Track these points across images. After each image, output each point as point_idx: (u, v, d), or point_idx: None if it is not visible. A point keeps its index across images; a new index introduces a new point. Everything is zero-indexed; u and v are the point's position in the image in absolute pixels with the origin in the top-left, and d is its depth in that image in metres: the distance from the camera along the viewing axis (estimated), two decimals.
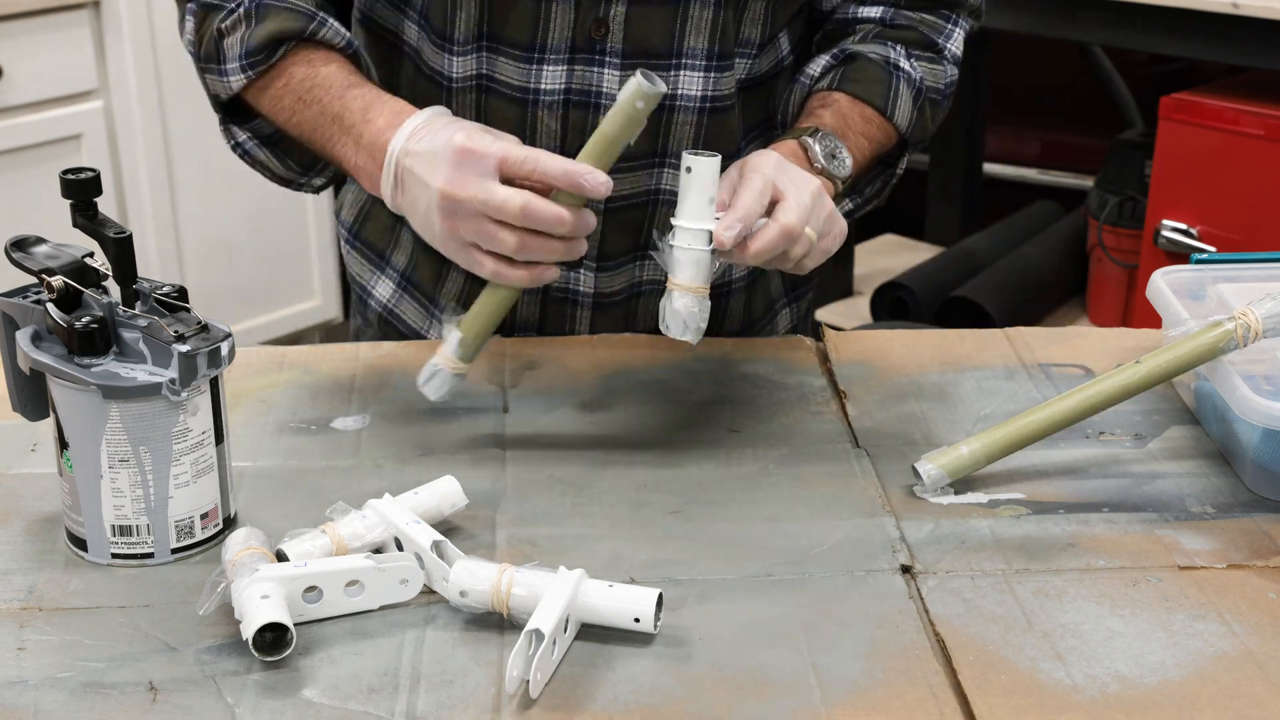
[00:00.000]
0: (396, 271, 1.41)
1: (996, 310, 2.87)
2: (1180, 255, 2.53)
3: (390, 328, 1.42)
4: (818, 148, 1.21)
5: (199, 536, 1.01)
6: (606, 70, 1.24)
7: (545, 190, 1.07)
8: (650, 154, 1.28)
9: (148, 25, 2.98)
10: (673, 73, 1.25)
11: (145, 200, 3.06)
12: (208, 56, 1.23)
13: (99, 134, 2.95)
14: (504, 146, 1.08)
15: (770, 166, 1.12)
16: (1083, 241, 3.06)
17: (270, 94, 1.22)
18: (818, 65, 1.31)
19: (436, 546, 0.95)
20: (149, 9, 2.97)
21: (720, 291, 1.37)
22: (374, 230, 1.43)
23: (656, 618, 0.90)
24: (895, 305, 3.02)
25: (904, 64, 1.30)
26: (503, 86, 1.25)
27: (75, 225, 1.00)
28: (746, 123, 1.33)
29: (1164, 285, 1.20)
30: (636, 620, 0.90)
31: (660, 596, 0.91)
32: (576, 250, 1.09)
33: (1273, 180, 2.49)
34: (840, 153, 1.22)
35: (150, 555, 1.00)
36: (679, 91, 1.26)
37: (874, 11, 1.33)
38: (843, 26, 1.34)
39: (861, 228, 3.37)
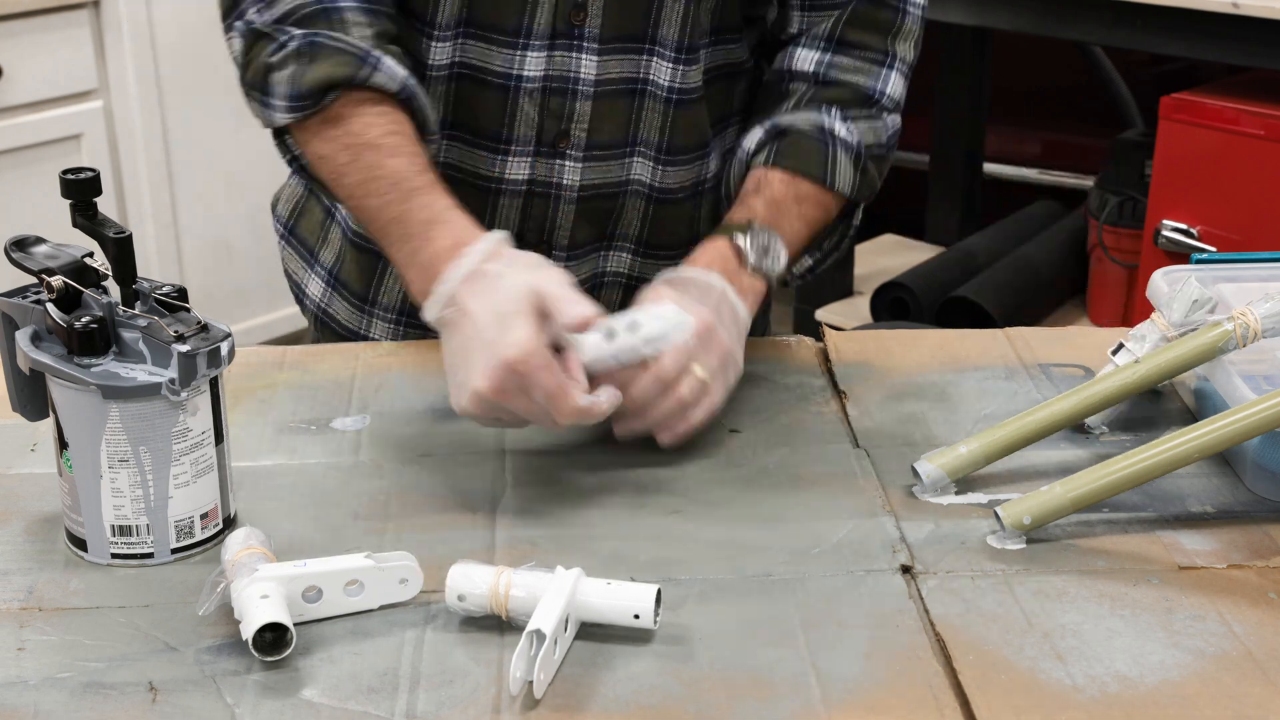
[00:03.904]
0: (324, 269, 1.42)
1: (996, 310, 2.87)
2: (1180, 255, 2.53)
3: (326, 328, 1.43)
4: (749, 247, 1.20)
5: (199, 536, 1.01)
6: (584, 56, 1.24)
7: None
8: (621, 143, 1.29)
9: (148, 25, 2.98)
10: (645, 58, 1.26)
11: (145, 200, 3.06)
12: (253, 84, 1.20)
13: (99, 134, 2.96)
14: (556, 374, 1.04)
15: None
16: (1083, 241, 3.07)
17: (319, 140, 1.19)
18: (753, 139, 1.29)
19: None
20: (149, 9, 2.98)
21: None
22: (306, 226, 1.43)
23: (656, 614, 0.90)
24: (895, 305, 3.02)
25: (839, 130, 1.27)
26: (483, 74, 1.25)
27: (75, 225, 1.00)
28: (712, 115, 1.32)
29: (1164, 285, 1.20)
30: (636, 617, 0.90)
31: (659, 592, 0.91)
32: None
33: (1273, 180, 2.49)
34: (774, 246, 1.22)
35: (150, 555, 1.00)
36: (650, 78, 1.27)
37: (808, 64, 1.30)
38: (778, 80, 1.31)
39: (861, 228, 3.36)
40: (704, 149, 1.33)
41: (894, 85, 1.31)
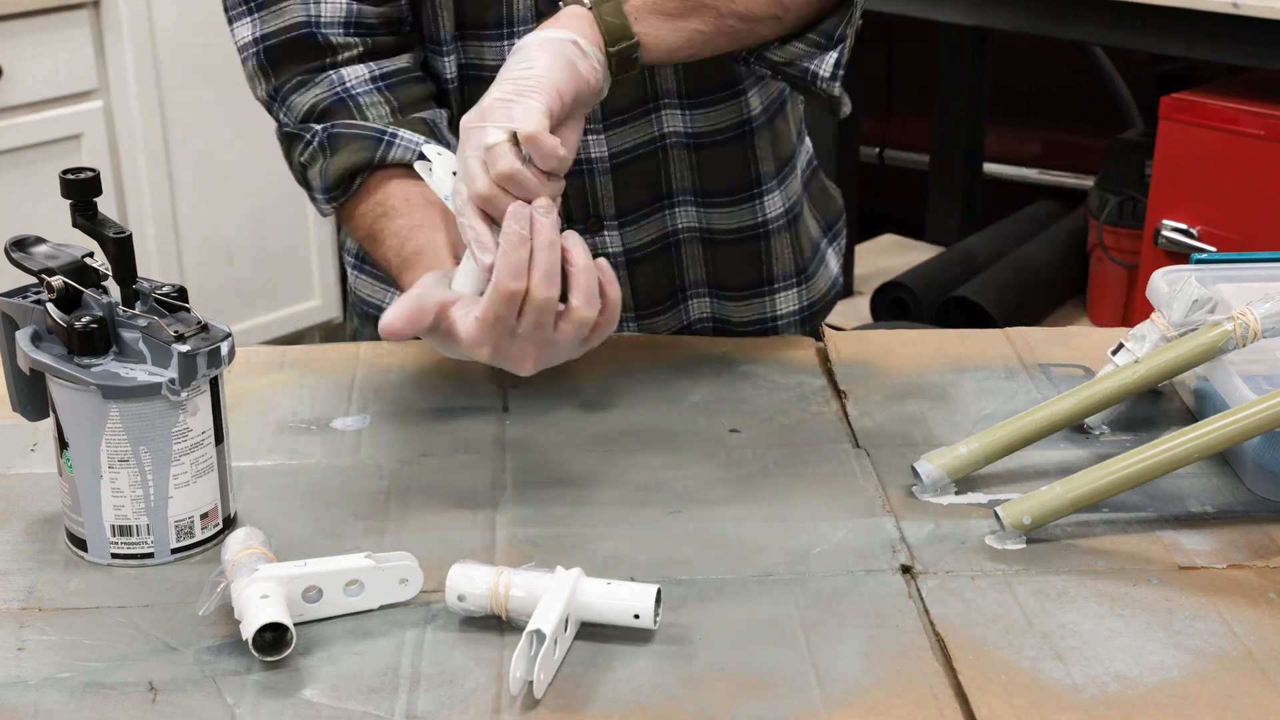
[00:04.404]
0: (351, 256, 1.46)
1: (996, 310, 2.87)
2: (1180, 255, 2.53)
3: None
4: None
5: (199, 536, 1.01)
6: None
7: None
8: (641, 101, 1.29)
9: (148, 25, 2.98)
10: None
11: (145, 200, 3.06)
12: (299, 181, 1.26)
13: (99, 134, 2.95)
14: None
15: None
16: (1083, 241, 3.07)
17: (354, 220, 1.24)
18: None
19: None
20: (149, 9, 2.97)
21: (758, 232, 1.38)
22: None
23: (656, 613, 0.90)
24: (895, 305, 3.02)
25: None
26: (483, 70, 1.27)
27: (75, 225, 1.00)
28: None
29: (1164, 285, 1.19)
30: (636, 616, 0.90)
31: (659, 592, 0.91)
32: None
33: (1273, 180, 2.50)
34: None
35: (150, 555, 1.00)
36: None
37: None
38: None
39: (862, 228, 3.37)
40: (734, 86, 1.31)
41: None
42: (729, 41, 1.16)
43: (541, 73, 1.02)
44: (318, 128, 1.22)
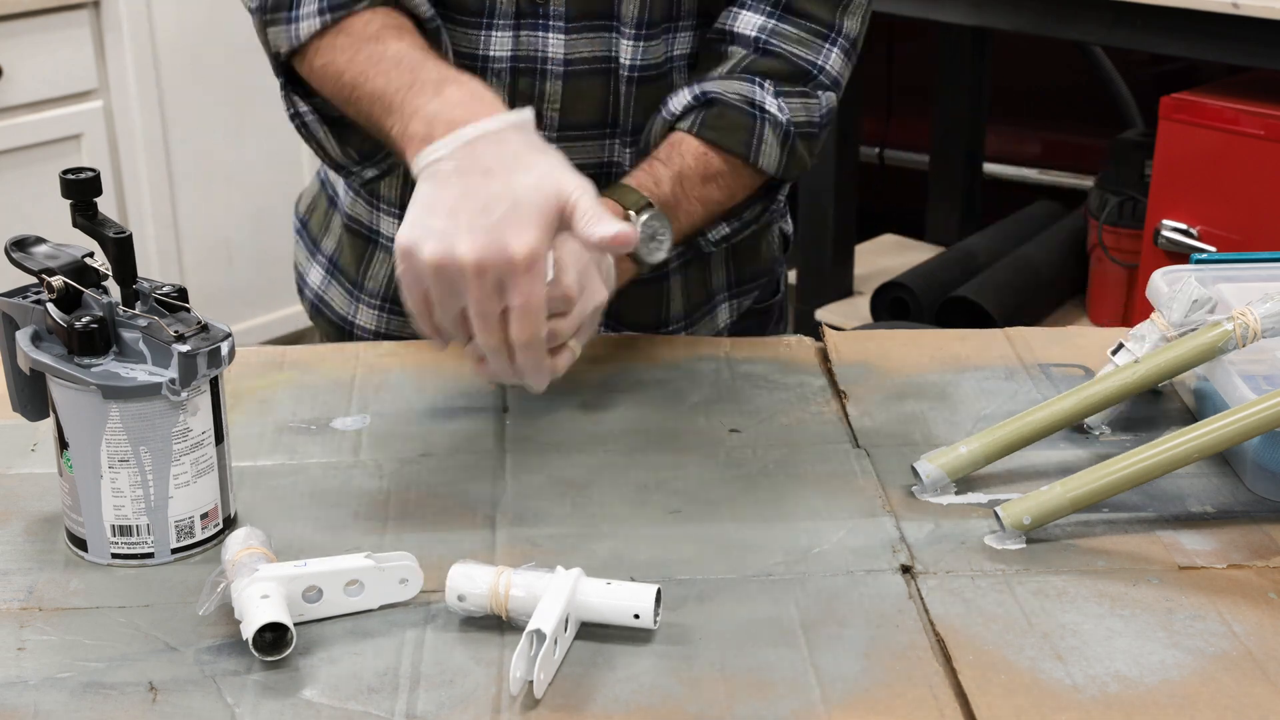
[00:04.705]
0: (325, 257, 1.44)
1: (996, 310, 2.87)
2: (1180, 255, 2.53)
3: (320, 315, 1.45)
4: (640, 229, 1.17)
5: (199, 536, 1.01)
6: (551, 35, 1.25)
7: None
8: (600, 124, 1.29)
9: (148, 25, 2.98)
10: (612, 35, 1.26)
11: (145, 200, 3.06)
12: (277, 4, 1.18)
13: (99, 134, 2.96)
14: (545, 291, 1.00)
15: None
16: (1083, 241, 3.07)
17: (334, 51, 1.16)
18: (680, 102, 1.25)
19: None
20: (149, 9, 2.98)
21: (659, 275, 1.37)
22: (315, 218, 1.46)
23: (656, 613, 0.90)
24: (895, 305, 3.02)
25: (769, 105, 1.24)
26: (459, 58, 1.25)
27: (75, 225, 1.00)
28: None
29: (1164, 285, 1.20)
30: (636, 616, 0.90)
31: (659, 592, 0.91)
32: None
33: (1273, 180, 2.49)
34: (661, 235, 1.19)
35: (150, 555, 1.00)
36: (619, 59, 1.26)
37: (750, 28, 1.26)
38: (718, 40, 1.28)
39: (862, 228, 3.37)
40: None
41: (834, 62, 1.28)
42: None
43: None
44: None
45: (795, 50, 1.27)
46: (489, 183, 1.00)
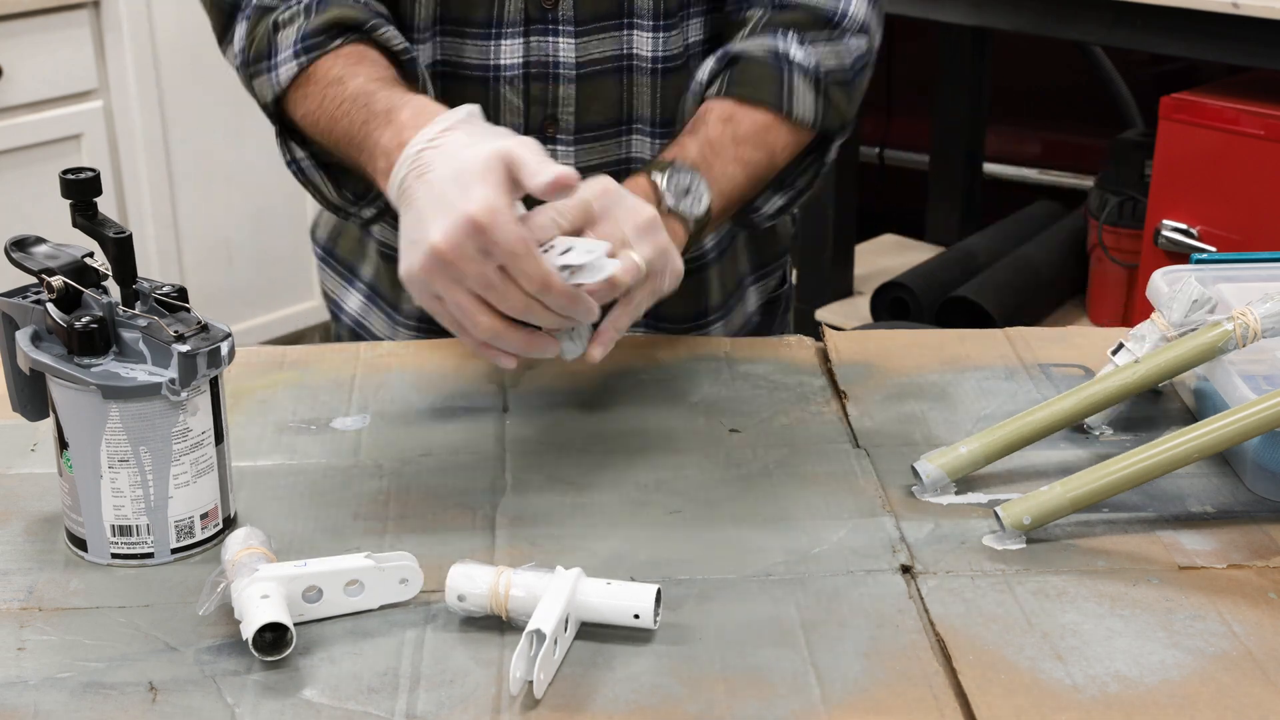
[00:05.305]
0: (364, 283, 1.44)
1: (996, 310, 2.87)
2: (1180, 255, 2.53)
3: (359, 340, 1.45)
4: (667, 187, 1.14)
5: (199, 536, 1.01)
6: (561, 39, 1.25)
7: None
8: (616, 122, 1.29)
9: (148, 25, 2.98)
10: (625, 33, 1.26)
11: (145, 200, 3.06)
12: (258, 55, 1.19)
13: (99, 134, 2.96)
14: (522, 232, 0.98)
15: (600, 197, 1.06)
16: (1083, 241, 3.07)
17: (309, 99, 1.16)
18: (706, 69, 1.24)
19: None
20: (149, 9, 2.98)
21: (698, 264, 1.38)
22: (345, 246, 1.46)
23: (656, 613, 0.90)
24: (895, 305, 3.02)
25: (795, 53, 1.21)
26: (462, 68, 1.26)
27: (75, 225, 1.00)
28: None
29: (1164, 285, 1.20)
30: (636, 616, 0.90)
31: (659, 592, 0.91)
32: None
33: (1273, 180, 2.49)
34: (697, 187, 1.15)
35: (150, 555, 1.00)
36: (634, 53, 1.26)
37: None
38: (735, 8, 1.27)
39: (862, 228, 3.37)
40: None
41: (857, 5, 1.25)
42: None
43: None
44: None
45: (812, 1, 1.24)
46: (439, 175, 1.01)
